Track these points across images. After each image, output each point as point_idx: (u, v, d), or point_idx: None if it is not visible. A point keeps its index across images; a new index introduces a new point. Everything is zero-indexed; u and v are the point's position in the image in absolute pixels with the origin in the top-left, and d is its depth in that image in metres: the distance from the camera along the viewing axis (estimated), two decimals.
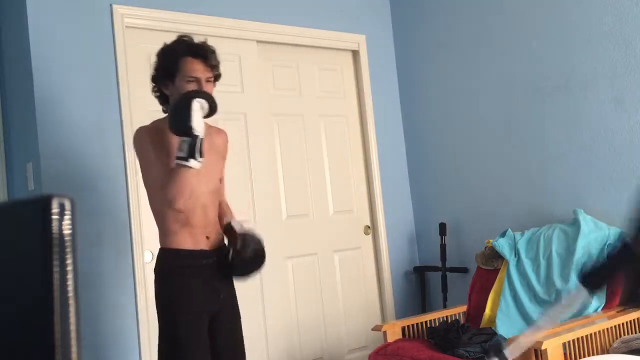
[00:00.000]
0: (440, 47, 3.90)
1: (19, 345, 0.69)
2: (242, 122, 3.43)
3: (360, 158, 4.01)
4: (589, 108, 3.12)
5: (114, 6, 3.03)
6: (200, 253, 2.16)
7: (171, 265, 2.16)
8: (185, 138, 1.95)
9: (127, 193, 2.97)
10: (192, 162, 1.95)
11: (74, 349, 0.66)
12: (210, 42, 3.36)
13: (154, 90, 2.25)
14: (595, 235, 2.87)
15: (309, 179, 3.74)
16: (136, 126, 3.05)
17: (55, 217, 0.66)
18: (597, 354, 2.44)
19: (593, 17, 3.08)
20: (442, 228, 3.79)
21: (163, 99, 2.23)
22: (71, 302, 0.66)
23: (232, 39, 3.46)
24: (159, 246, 2.21)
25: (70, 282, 0.66)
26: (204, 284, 2.16)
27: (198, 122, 1.94)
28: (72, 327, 0.66)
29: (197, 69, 2.13)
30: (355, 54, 4.03)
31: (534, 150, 3.37)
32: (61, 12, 2.90)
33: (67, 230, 0.67)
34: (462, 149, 3.79)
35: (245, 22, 3.49)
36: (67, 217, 0.67)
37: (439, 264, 3.80)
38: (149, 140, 2.14)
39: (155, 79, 2.21)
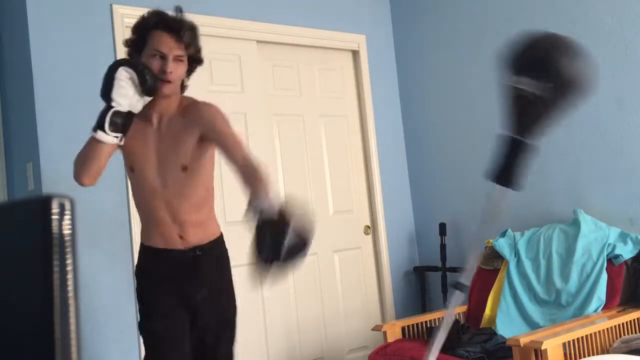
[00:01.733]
0: (440, 47, 3.90)
1: (19, 345, 0.69)
2: (242, 122, 3.43)
3: (360, 158, 4.01)
4: (589, 108, 3.12)
5: (114, 6, 3.03)
6: (170, 253, 2.01)
7: (142, 261, 2.10)
8: (105, 106, 1.81)
9: (127, 193, 2.96)
10: (99, 134, 1.79)
11: (74, 349, 0.66)
12: (210, 42, 3.38)
13: None
14: (595, 235, 2.87)
15: (309, 179, 3.74)
16: None
17: (55, 217, 0.66)
18: (597, 354, 2.44)
19: (593, 17, 3.08)
20: (442, 228, 3.79)
21: None
22: (71, 302, 0.66)
23: (232, 39, 3.45)
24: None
25: (70, 282, 0.67)
26: (174, 284, 2.02)
27: (121, 93, 1.78)
28: (72, 327, 0.66)
29: (165, 42, 1.91)
30: (355, 53, 4.03)
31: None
32: (61, 12, 2.90)
33: (67, 230, 0.67)
34: (462, 149, 3.79)
35: (245, 22, 3.48)
36: (67, 217, 0.67)
37: (439, 264, 3.80)
38: None
39: (129, 53, 2.01)
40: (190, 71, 2.06)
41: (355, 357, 3.76)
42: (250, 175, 1.79)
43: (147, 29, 1.96)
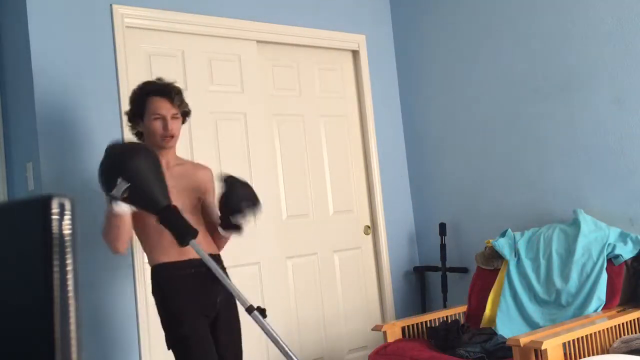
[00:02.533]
0: (440, 46, 3.90)
1: (19, 345, 0.69)
2: (242, 122, 3.43)
3: (360, 158, 4.01)
4: (589, 108, 3.12)
5: (114, 6, 3.03)
6: (188, 262, 2.28)
7: (163, 278, 2.30)
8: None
9: None
10: (120, 206, 2.06)
11: (74, 349, 0.66)
12: (211, 42, 3.38)
13: (130, 127, 2.44)
14: (595, 235, 2.87)
15: (309, 179, 3.74)
16: None
17: (55, 217, 0.66)
18: (597, 354, 2.44)
19: (593, 17, 3.08)
20: (442, 228, 3.79)
21: (139, 135, 2.44)
22: (71, 302, 0.66)
23: (232, 39, 3.46)
24: (150, 265, 2.34)
25: (70, 282, 0.66)
26: (196, 291, 2.27)
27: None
28: (72, 327, 0.66)
29: (162, 106, 2.32)
30: (355, 53, 4.03)
31: (534, 150, 3.37)
32: (61, 12, 2.90)
33: (67, 230, 0.67)
34: (462, 149, 3.79)
35: (245, 22, 3.48)
36: (67, 217, 0.67)
37: (439, 264, 3.80)
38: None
39: (129, 118, 2.41)
40: (183, 122, 2.46)
41: (355, 357, 3.76)
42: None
43: (143, 97, 2.35)
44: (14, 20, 2.99)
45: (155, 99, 2.33)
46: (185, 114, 2.43)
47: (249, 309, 1.88)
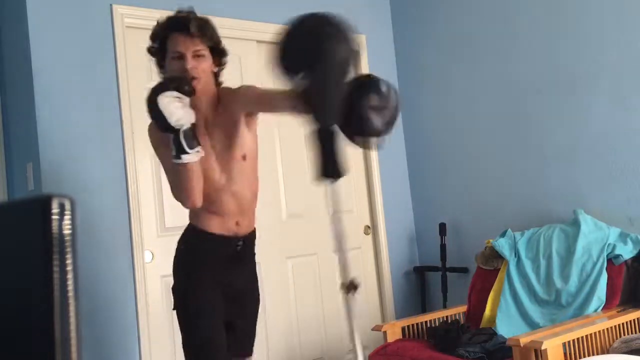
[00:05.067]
0: (441, 47, 3.90)
1: (20, 344, 0.69)
2: None
3: (360, 158, 4.01)
4: (589, 108, 3.12)
5: (114, 6, 3.03)
6: (226, 239, 2.09)
7: (193, 243, 2.13)
8: (170, 135, 1.81)
9: (127, 193, 2.97)
10: (185, 158, 1.82)
11: (74, 349, 0.66)
12: None
13: (159, 74, 2.10)
14: (595, 235, 2.87)
15: (309, 179, 3.74)
16: (136, 126, 3.06)
17: (55, 217, 0.66)
18: (597, 354, 2.44)
19: (593, 17, 3.08)
20: (442, 228, 3.79)
21: None
22: (71, 302, 0.66)
23: (232, 39, 3.45)
24: (189, 221, 2.17)
25: (70, 282, 0.66)
26: (218, 268, 2.10)
27: (174, 114, 1.77)
28: (72, 327, 0.66)
29: (180, 42, 1.97)
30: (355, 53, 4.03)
31: (535, 150, 3.37)
32: (61, 12, 2.90)
33: (67, 230, 0.67)
34: (462, 149, 3.79)
35: (245, 22, 3.48)
36: (67, 217, 0.67)
37: (439, 264, 3.80)
38: (155, 136, 2.03)
39: (155, 62, 2.09)
40: (218, 64, 2.11)
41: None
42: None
43: (163, 35, 2.01)
44: (14, 21, 2.99)
45: (174, 35, 1.98)
46: (216, 51, 2.08)
47: (348, 287, 1.66)
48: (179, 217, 3.17)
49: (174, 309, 2.14)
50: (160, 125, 1.79)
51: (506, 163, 3.53)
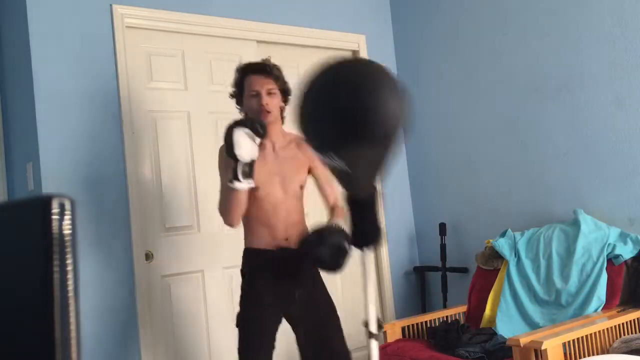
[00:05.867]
0: (440, 47, 3.90)
1: (19, 345, 0.69)
2: None
3: None
4: (589, 108, 3.12)
5: (114, 6, 3.03)
6: (278, 251, 2.31)
7: (249, 262, 2.37)
8: (233, 162, 2.11)
9: (127, 193, 2.97)
10: (235, 184, 2.12)
11: (74, 349, 0.66)
12: (211, 42, 3.38)
13: (239, 111, 2.44)
14: (595, 235, 2.87)
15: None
16: (136, 126, 3.07)
17: (55, 217, 0.66)
18: (597, 354, 2.44)
19: (593, 17, 3.08)
20: (442, 228, 3.79)
21: None
22: (71, 302, 0.66)
23: (232, 39, 3.45)
24: (244, 245, 2.39)
25: (70, 282, 0.66)
26: (276, 282, 2.30)
27: (242, 147, 2.06)
28: (72, 327, 0.66)
29: (256, 82, 2.32)
30: (355, 54, 4.03)
31: (534, 150, 3.37)
32: (61, 12, 2.90)
33: (67, 230, 0.67)
34: (462, 149, 3.79)
35: (245, 22, 3.48)
36: (67, 217, 0.67)
37: (439, 264, 3.80)
38: (221, 158, 2.32)
39: (236, 102, 2.44)
40: (285, 101, 2.44)
41: (356, 357, 3.75)
42: (335, 211, 2.45)
43: (241, 77, 2.38)
44: (14, 20, 2.99)
45: (251, 77, 2.35)
46: (285, 91, 2.42)
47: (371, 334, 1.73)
48: (179, 217, 3.18)
49: (236, 327, 2.33)
50: (227, 151, 2.10)
51: (506, 163, 3.53)
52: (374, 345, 1.73)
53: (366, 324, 1.72)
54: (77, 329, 0.66)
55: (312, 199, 2.75)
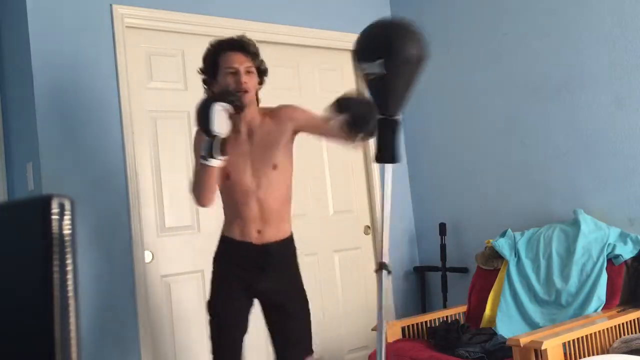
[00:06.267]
0: (440, 47, 3.90)
1: (19, 345, 0.69)
2: None
3: (360, 158, 4.01)
4: (589, 108, 3.12)
5: (114, 6, 3.03)
6: (245, 245, 2.25)
7: (221, 249, 2.33)
8: (206, 138, 2.04)
9: (127, 193, 2.97)
10: (210, 161, 2.05)
11: (74, 349, 0.66)
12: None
13: (206, 91, 2.31)
14: (595, 235, 2.87)
15: (309, 179, 3.74)
16: (136, 126, 3.07)
17: (55, 217, 0.66)
18: (597, 354, 2.44)
19: (593, 17, 3.08)
20: (442, 228, 3.79)
21: None
22: (71, 302, 0.66)
23: None
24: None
25: (70, 282, 0.67)
26: (244, 273, 2.26)
27: (218, 123, 2.00)
28: (72, 327, 0.66)
29: (234, 59, 2.21)
30: None
31: (534, 150, 3.37)
32: (61, 12, 2.90)
33: (67, 230, 0.67)
34: (462, 149, 3.79)
35: (245, 22, 3.48)
36: (67, 217, 0.67)
37: (439, 264, 3.80)
38: (197, 139, 2.25)
39: (205, 81, 2.31)
40: (260, 82, 2.33)
41: (355, 357, 3.76)
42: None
43: (216, 54, 2.24)
44: (14, 20, 2.99)
45: (228, 53, 2.22)
46: (261, 71, 2.31)
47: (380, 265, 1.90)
48: (179, 217, 3.18)
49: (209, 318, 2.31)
50: (202, 125, 2.02)
51: (506, 163, 3.53)
52: (385, 276, 1.92)
53: (381, 266, 1.92)
54: (77, 329, 0.66)
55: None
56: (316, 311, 3.65)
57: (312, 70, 3.85)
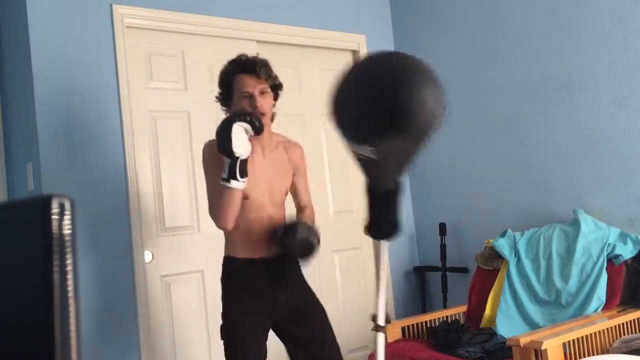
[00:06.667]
0: (440, 46, 3.90)
1: (19, 345, 0.69)
2: None
3: None
4: (588, 108, 3.12)
5: (114, 6, 3.03)
6: (259, 260, 2.23)
7: (230, 270, 2.27)
8: (227, 159, 2.01)
9: (127, 193, 2.97)
10: (232, 183, 2.03)
11: (74, 349, 0.66)
12: (211, 42, 3.38)
13: (225, 112, 2.29)
14: (595, 235, 2.87)
15: (309, 179, 3.73)
16: (136, 126, 3.07)
17: (55, 217, 0.66)
18: (597, 354, 2.44)
19: (593, 17, 3.08)
20: (442, 228, 3.79)
21: None
22: (71, 302, 0.66)
23: (232, 39, 3.45)
24: (224, 254, 2.30)
25: (70, 282, 0.67)
26: (260, 290, 2.22)
27: (239, 143, 1.99)
28: (72, 327, 0.66)
29: (248, 83, 2.18)
30: (355, 54, 4.03)
31: (534, 150, 3.37)
32: (61, 12, 2.90)
33: (67, 230, 0.67)
34: (462, 149, 3.79)
35: (245, 22, 3.49)
36: (67, 217, 0.67)
37: (439, 264, 3.80)
38: (211, 156, 2.19)
39: (221, 103, 2.30)
40: (275, 98, 2.30)
41: (355, 357, 3.76)
42: (306, 212, 2.48)
43: (229, 77, 2.23)
44: (14, 20, 2.99)
45: (240, 77, 2.20)
46: (275, 87, 2.28)
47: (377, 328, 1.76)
48: (179, 217, 3.18)
49: (221, 339, 2.23)
50: (222, 147, 2.00)
51: (506, 163, 3.53)
52: (381, 339, 1.72)
53: (374, 318, 1.71)
54: (77, 329, 0.66)
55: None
56: None
57: (312, 70, 3.85)
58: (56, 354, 0.64)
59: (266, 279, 2.24)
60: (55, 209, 0.66)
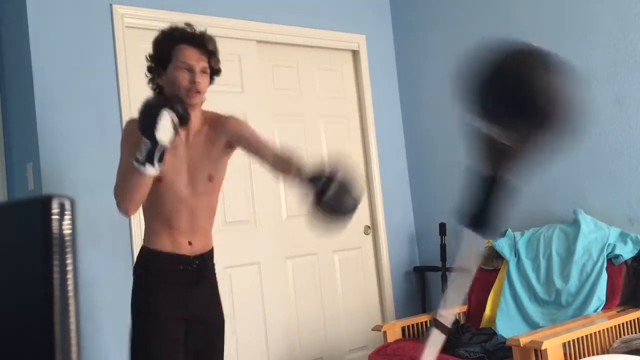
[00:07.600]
0: (440, 47, 3.90)
1: (19, 345, 0.69)
2: None
3: (361, 158, 4.01)
4: (588, 108, 3.12)
5: (114, 6, 3.03)
6: (179, 257, 2.06)
7: (147, 265, 2.10)
8: (146, 141, 1.83)
9: None
10: (146, 168, 1.85)
11: (74, 349, 0.66)
12: None
13: (150, 82, 2.11)
14: (595, 235, 2.87)
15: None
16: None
17: (55, 217, 0.66)
18: (597, 354, 2.44)
19: (593, 17, 3.08)
20: (442, 228, 3.79)
21: (158, 91, 2.10)
22: (71, 302, 0.66)
23: (232, 39, 3.45)
24: (142, 245, 2.15)
25: (70, 282, 0.66)
26: (178, 290, 2.05)
27: (164, 129, 1.80)
28: (72, 327, 0.66)
29: (192, 56, 2.00)
30: (355, 54, 4.03)
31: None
32: (61, 12, 2.90)
33: (67, 230, 0.67)
34: (462, 148, 3.78)
35: (245, 22, 3.49)
36: (67, 217, 0.67)
37: (439, 264, 3.80)
38: (131, 134, 2.00)
39: (150, 68, 2.09)
40: (210, 83, 2.12)
41: (355, 357, 3.76)
42: (286, 162, 1.93)
43: (171, 44, 2.02)
44: (14, 21, 2.99)
45: (183, 47, 2.00)
46: (214, 71, 2.10)
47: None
48: None
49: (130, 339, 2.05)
50: (146, 129, 1.81)
51: None
52: (439, 337, 1.46)
53: (435, 315, 1.44)
54: (77, 329, 0.66)
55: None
56: (316, 311, 3.66)
57: (312, 70, 3.85)
58: (56, 353, 0.64)
59: (182, 278, 2.06)
60: (55, 209, 0.66)
